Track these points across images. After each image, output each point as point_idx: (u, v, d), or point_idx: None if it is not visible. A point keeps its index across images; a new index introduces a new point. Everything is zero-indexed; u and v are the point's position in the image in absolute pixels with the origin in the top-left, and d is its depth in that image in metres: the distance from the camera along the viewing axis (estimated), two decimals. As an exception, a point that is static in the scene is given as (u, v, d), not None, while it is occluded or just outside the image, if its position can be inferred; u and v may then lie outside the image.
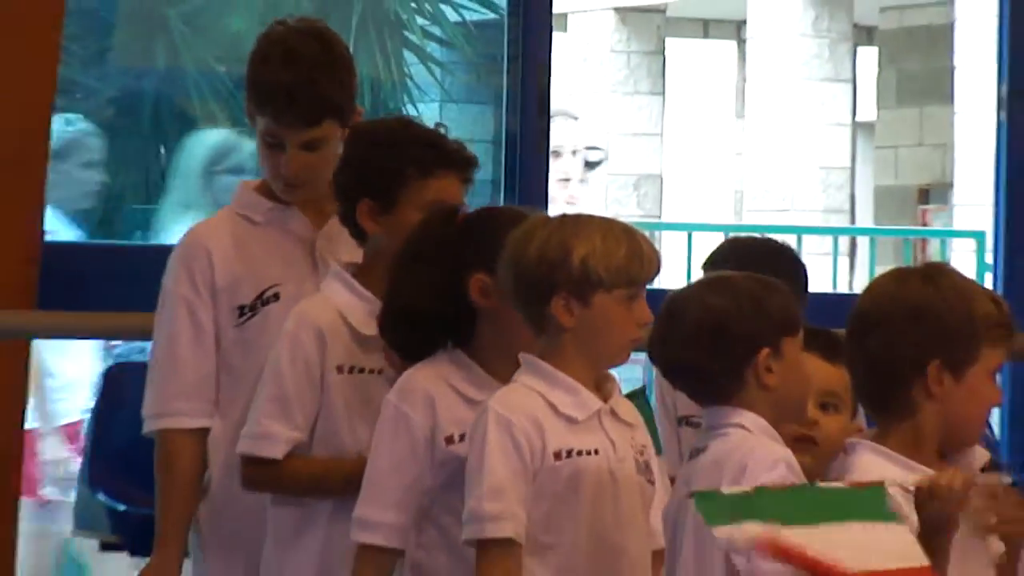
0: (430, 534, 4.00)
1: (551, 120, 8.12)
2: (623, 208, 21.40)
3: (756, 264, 4.42)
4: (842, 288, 13.68)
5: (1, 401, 6.36)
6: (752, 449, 3.40)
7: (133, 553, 6.66)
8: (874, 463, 3.50)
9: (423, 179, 4.38)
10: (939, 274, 3.76)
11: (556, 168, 9.45)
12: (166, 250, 4.90)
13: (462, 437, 3.99)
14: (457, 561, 3.93)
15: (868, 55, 23.21)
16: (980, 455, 3.95)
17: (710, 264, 5.22)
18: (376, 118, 8.03)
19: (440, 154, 4.47)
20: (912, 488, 3.40)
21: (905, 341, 3.51)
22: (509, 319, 3.87)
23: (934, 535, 3.37)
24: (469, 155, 4.54)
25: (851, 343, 3.77)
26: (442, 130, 4.76)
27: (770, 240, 6.25)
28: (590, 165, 10.36)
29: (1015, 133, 8.22)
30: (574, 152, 9.54)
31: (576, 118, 10.07)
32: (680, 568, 3.66)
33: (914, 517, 3.32)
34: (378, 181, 4.44)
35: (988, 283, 9.57)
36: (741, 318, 3.54)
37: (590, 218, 3.92)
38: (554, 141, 8.72)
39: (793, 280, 4.72)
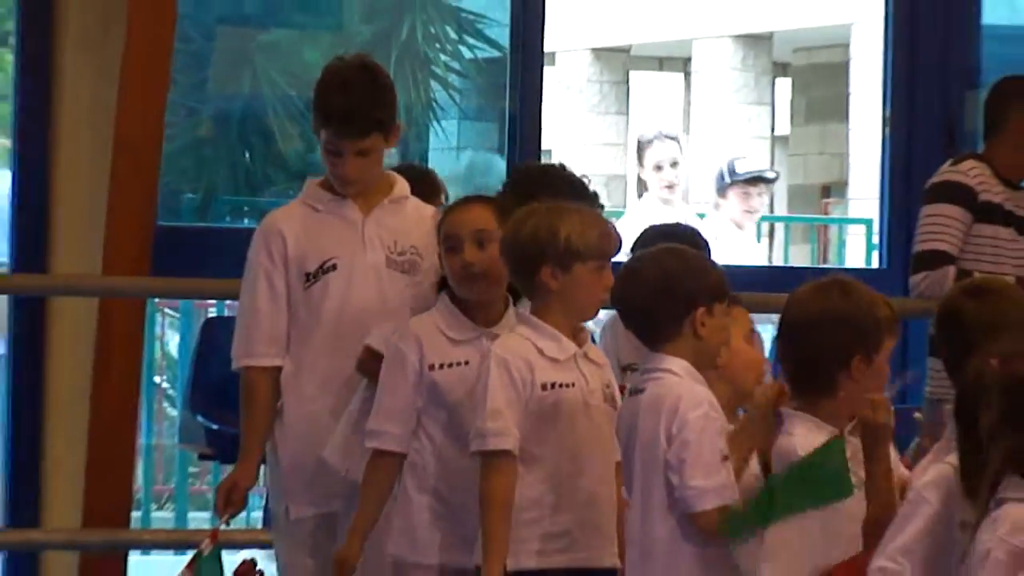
0: (422, 441, 4.23)
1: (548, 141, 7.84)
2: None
3: (677, 242, 4.51)
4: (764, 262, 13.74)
5: (123, 350, 6.46)
6: (682, 391, 3.54)
7: (223, 462, 6.85)
8: (811, 430, 3.71)
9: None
10: (851, 287, 3.93)
11: (661, 177, 9.53)
12: (249, 231, 5.03)
13: (442, 366, 4.23)
14: (441, 462, 4.21)
15: (784, 84, 23.47)
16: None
17: (640, 244, 5.22)
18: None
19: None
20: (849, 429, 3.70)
21: (833, 341, 3.73)
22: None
23: (875, 447, 3.60)
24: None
25: (784, 343, 3.93)
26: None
27: (686, 225, 6.61)
28: (767, 181, 10.18)
29: (895, 145, 8.50)
30: (673, 164, 9.45)
31: (675, 138, 10.05)
32: (634, 480, 3.79)
33: (860, 456, 3.57)
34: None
35: (875, 259, 9.70)
36: (688, 279, 3.65)
37: (569, 207, 4.12)
38: (658, 156, 9.09)
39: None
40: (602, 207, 5.46)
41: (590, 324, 4.44)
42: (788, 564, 3.70)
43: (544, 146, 9.03)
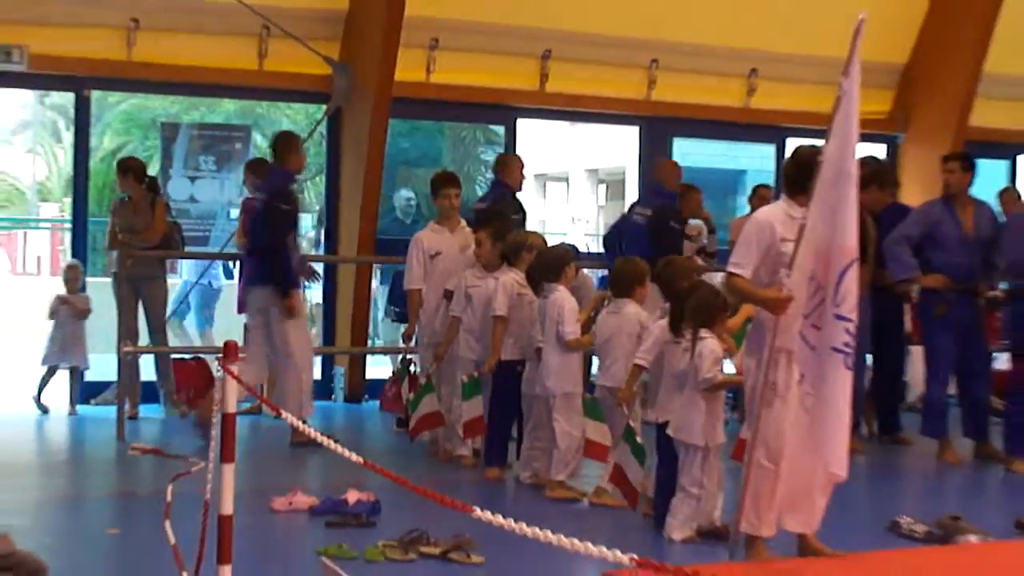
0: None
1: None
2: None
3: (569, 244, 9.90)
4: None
5: (362, 282, 12.18)
6: (563, 297, 7.85)
7: (400, 322, 12.09)
8: (626, 304, 7.87)
9: None
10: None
11: (690, 246, 11.83)
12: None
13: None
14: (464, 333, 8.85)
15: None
16: None
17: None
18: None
19: None
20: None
21: (627, 270, 7.71)
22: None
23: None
24: None
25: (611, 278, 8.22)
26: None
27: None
28: None
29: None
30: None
31: (702, 220, 12.49)
32: (548, 330, 7.94)
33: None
34: None
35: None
36: (566, 255, 8.23)
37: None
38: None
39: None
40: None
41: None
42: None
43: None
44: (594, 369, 9.33)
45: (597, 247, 16.41)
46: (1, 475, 9.27)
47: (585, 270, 10.47)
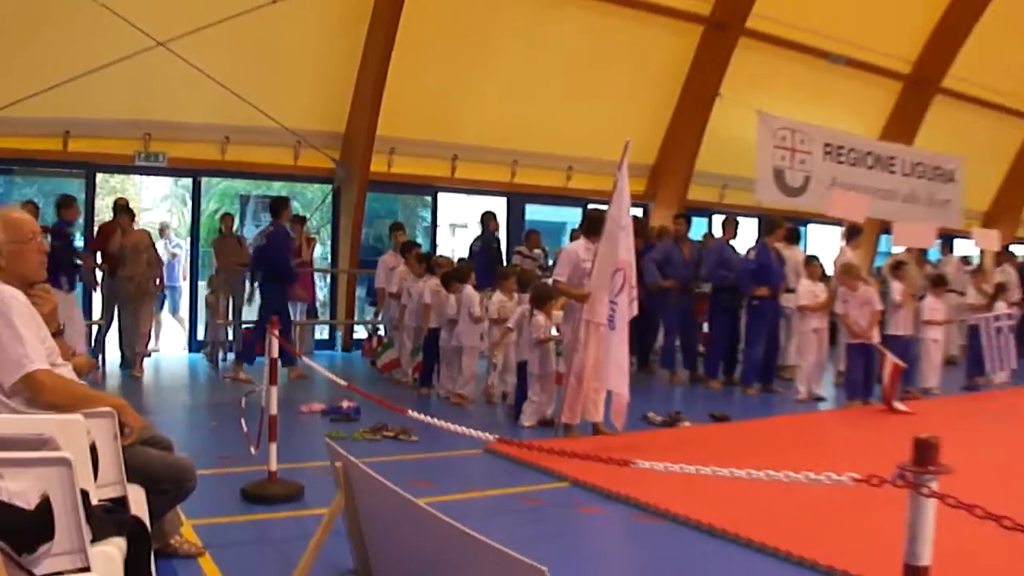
0: None
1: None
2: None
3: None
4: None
5: (349, 288, 15.67)
6: None
7: None
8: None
9: None
10: None
11: (533, 263, 13.37)
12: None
13: None
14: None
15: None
16: None
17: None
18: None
19: None
20: None
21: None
22: None
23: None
24: None
25: None
26: None
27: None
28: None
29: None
30: None
31: (541, 250, 14.29)
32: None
33: None
34: None
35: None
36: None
37: None
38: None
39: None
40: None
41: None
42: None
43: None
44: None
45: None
46: (147, 393, 11.23)
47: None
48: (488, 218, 14.62)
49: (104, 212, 14.62)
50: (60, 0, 12.30)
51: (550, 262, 14.61)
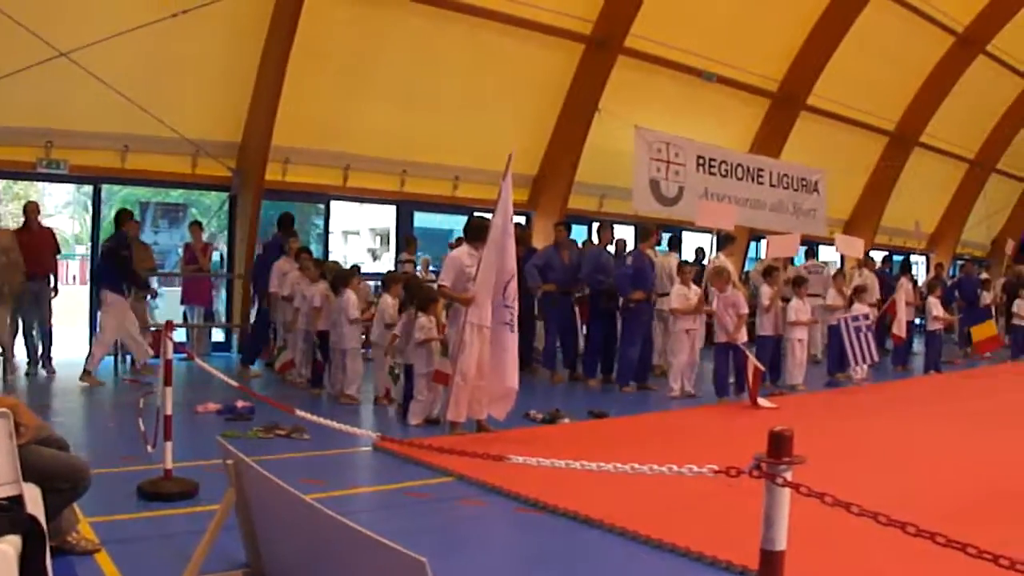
0: None
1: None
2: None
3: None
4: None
5: (244, 289, 15.27)
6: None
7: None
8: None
9: None
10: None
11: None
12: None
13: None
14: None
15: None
16: None
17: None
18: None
19: None
20: None
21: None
22: None
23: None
24: None
25: None
26: None
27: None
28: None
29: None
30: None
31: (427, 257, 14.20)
32: None
33: None
34: None
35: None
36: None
37: None
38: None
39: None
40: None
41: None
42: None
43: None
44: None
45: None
46: (62, 393, 11.08)
47: (368, 281, 14.14)
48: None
49: (7, 218, 14.13)
50: (-38, 9, 12.04)
51: (429, 269, 15.75)
